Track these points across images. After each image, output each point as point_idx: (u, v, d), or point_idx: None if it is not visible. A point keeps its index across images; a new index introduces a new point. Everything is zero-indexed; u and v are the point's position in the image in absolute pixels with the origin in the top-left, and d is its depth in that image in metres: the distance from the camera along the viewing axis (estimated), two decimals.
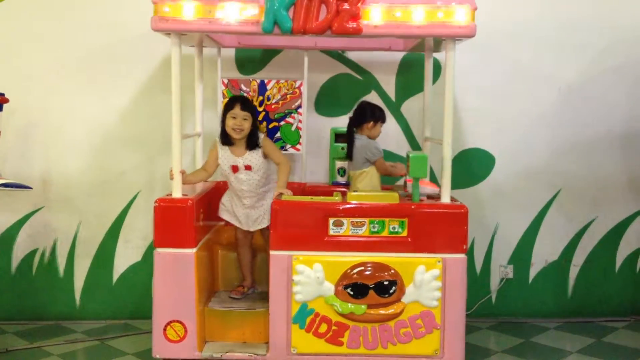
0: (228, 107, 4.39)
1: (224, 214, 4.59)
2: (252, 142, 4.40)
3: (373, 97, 5.25)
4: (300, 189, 4.80)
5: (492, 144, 5.37)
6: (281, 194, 4.26)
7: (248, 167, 4.39)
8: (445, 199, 4.12)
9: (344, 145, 4.73)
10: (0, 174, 4.79)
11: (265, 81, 5.04)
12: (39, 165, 5.23)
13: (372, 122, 4.55)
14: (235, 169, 4.40)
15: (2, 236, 5.29)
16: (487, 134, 5.36)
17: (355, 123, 4.59)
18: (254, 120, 4.41)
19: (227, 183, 4.53)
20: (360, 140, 4.54)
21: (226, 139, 4.41)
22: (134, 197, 5.31)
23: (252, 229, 4.51)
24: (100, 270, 5.35)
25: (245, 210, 4.47)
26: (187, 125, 4.95)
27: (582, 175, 5.40)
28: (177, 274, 4.11)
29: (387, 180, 4.80)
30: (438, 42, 4.53)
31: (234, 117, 4.34)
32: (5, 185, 4.49)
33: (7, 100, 4.74)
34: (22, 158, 5.20)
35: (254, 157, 4.39)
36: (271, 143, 4.54)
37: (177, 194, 4.18)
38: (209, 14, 3.94)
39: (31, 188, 4.64)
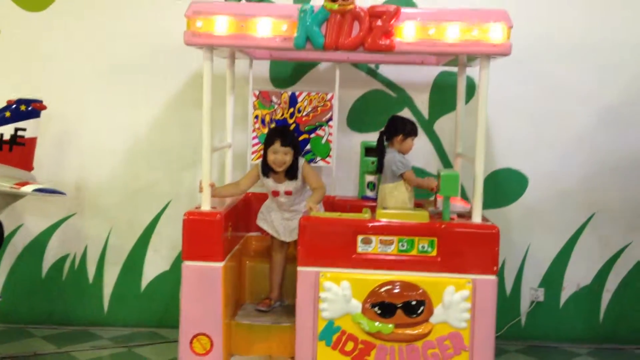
0: (268, 143, 4.39)
1: (262, 223, 4.61)
2: (291, 174, 4.42)
3: (406, 115, 5.17)
4: (329, 202, 4.78)
5: (526, 165, 5.30)
6: (311, 209, 4.25)
7: (288, 193, 4.45)
8: (477, 218, 4.07)
9: (374, 159, 4.69)
10: (35, 178, 4.85)
11: (296, 93, 5.04)
12: (73, 172, 5.32)
13: (401, 136, 4.48)
14: (276, 193, 4.46)
15: (35, 241, 5.37)
16: (521, 155, 5.29)
17: (387, 137, 4.54)
18: (296, 152, 4.41)
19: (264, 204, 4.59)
20: (389, 153, 4.49)
21: (267, 171, 4.44)
22: (165, 207, 5.35)
23: (288, 240, 4.51)
24: (129, 277, 5.40)
25: (283, 221, 4.51)
26: (218, 137, 4.97)
27: (617, 199, 5.30)
28: (204, 288, 4.10)
29: (419, 195, 4.75)
30: (472, 58, 4.48)
31: (275, 153, 4.36)
32: (40, 190, 4.56)
33: (44, 107, 4.82)
34: (57, 164, 5.28)
35: (293, 184, 4.44)
36: (310, 169, 4.52)
37: (205, 206, 4.19)
38: (241, 29, 3.94)
39: (65, 194, 4.71)
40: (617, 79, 5.23)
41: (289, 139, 4.38)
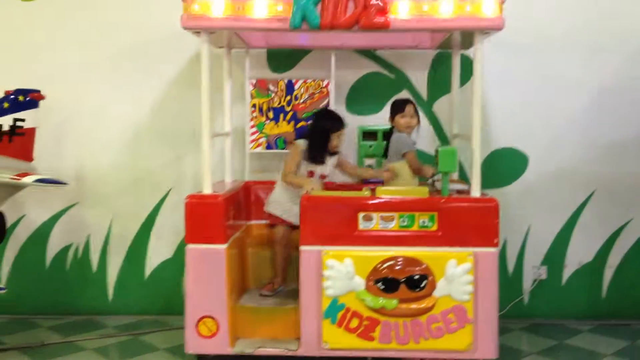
0: (336, 128, 4.51)
1: (274, 209, 4.65)
2: (333, 153, 4.58)
3: (405, 96, 5.23)
4: (330, 187, 4.79)
5: (525, 144, 5.32)
6: (312, 188, 4.26)
7: (322, 176, 4.55)
8: (475, 193, 4.09)
9: (372, 143, 4.78)
10: (35, 169, 4.86)
11: (293, 81, 5.07)
12: (73, 162, 5.33)
13: (398, 114, 4.60)
14: (311, 174, 4.51)
15: (37, 231, 5.39)
16: (520, 134, 5.30)
17: (391, 120, 4.67)
18: None
19: (276, 190, 4.64)
20: (394, 134, 4.60)
21: (323, 155, 4.52)
22: (166, 194, 5.36)
23: None
24: (132, 266, 5.42)
25: None
26: (215, 123, 4.97)
27: (617, 176, 5.31)
28: (208, 270, 4.13)
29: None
30: (466, 39, 4.49)
31: (338, 137, 4.50)
32: (42, 180, 4.57)
33: (43, 97, 4.83)
34: (57, 154, 5.29)
35: (328, 167, 4.57)
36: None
37: (207, 190, 4.21)
38: (237, 11, 3.97)
39: (67, 184, 4.74)
40: (612, 58, 5.24)
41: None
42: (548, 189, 5.33)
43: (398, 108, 4.60)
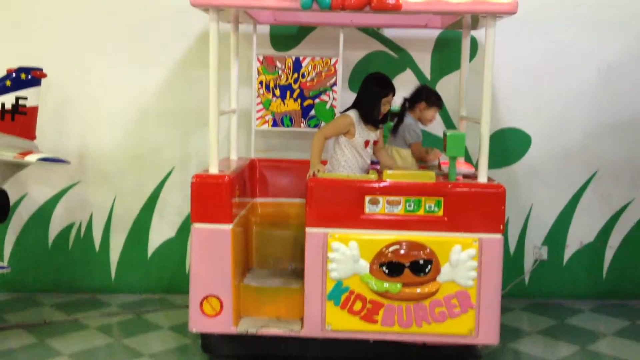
0: (383, 93, 4.35)
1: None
2: (385, 118, 4.49)
3: (408, 75, 5.23)
4: None
5: (528, 124, 5.31)
6: (318, 170, 4.24)
7: (375, 142, 4.48)
8: (482, 178, 4.09)
9: None
10: (37, 147, 4.84)
11: (300, 58, 5.03)
12: (75, 140, 5.30)
13: (424, 104, 4.61)
14: (367, 143, 4.43)
15: (40, 210, 5.37)
16: (523, 114, 5.29)
17: (410, 103, 4.66)
18: None
19: (342, 158, 4.43)
20: (407, 119, 4.60)
21: (374, 121, 4.41)
22: (169, 173, 5.34)
23: None
24: (135, 244, 5.42)
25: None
26: (221, 101, 4.94)
27: (620, 157, 5.33)
28: (213, 249, 4.13)
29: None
30: (476, 20, 4.46)
31: (385, 104, 4.38)
32: (44, 159, 4.55)
33: (44, 75, 4.79)
34: (59, 132, 5.25)
35: (378, 134, 4.49)
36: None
37: (213, 169, 4.19)
38: None
39: (69, 162, 4.71)
40: (617, 37, 5.21)
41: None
42: (551, 169, 5.35)
43: (434, 100, 4.63)
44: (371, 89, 4.39)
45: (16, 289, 5.38)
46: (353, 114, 4.41)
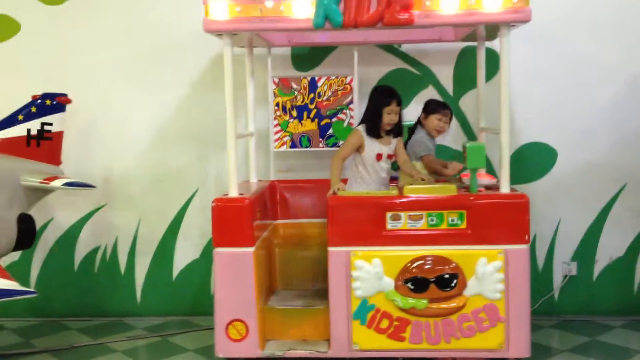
0: (385, 103, 4.35)
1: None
2: (398, 130, 4.45)
3: (430, 92, 5.20)
4: None
5: (554, 138, 5.24)
6: (338, 189, 4.23)
7: (390, 156, 4.44)
8: (505, 189, 4.04)
9: None
10: (63, 172, 4.89)
11: (316, 78, 5.05)
12: (100, 164, 5.36)
13: (423, 114, 4.69)
14: (379, 157, 4.40)
15: (66, 234, 5.42)
16: (549, 128, 5.22)
17: (420, 118, 4.72)
18: (401, 110, 4.46)
19: (357, 174, 4.45)
20: (417, 134, 4.63)
21: (377, 132, 4.39)
22: (193, 195, 5.37)
23: None
24: (160, 267, 5.44)
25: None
26: (239, 122, 4.95)
27: None
28: (237, 273, 4.13)
29: None
30: (491, 31, 4.44)
31: (390, 113, 4.35)
32: (70, 184, 4.61)
33: (69, 101, 4.87)
34: (84, 157, 5.32)
35: (393, 147, 4.45)
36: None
37: (233, 193, 4.19)
38: (259, 13, 3.95)
39: (95, 187, 4.76)
40: None
41: (400, 99, 4.41)
42: (578, 183, 5.26)
43: (437, 108, 4.65)
44: (374, 99, 4.41)
45: (43, 313, 5.41)
46: (361, 128, 4.42)
